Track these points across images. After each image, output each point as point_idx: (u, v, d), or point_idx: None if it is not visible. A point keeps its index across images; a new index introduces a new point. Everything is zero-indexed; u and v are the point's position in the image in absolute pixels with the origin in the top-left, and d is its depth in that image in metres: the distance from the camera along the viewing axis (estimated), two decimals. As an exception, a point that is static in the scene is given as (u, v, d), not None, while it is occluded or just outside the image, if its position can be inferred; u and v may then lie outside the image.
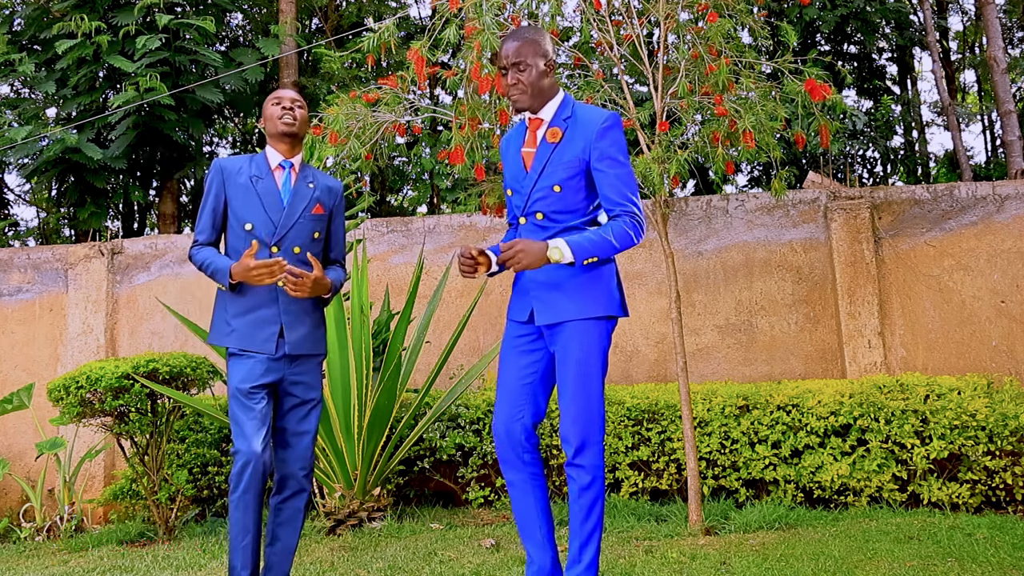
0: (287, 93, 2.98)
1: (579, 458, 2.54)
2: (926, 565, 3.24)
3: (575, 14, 5.06)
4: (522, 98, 2.62)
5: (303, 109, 2.96)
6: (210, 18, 8.54)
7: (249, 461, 2.70)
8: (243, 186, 2.86)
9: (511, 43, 2.61)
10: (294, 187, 2.90)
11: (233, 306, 2.85)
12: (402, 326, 4.61)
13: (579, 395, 2.54)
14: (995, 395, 4.65)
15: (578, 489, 2.53)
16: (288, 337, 2.84)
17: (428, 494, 5.21)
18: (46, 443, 5.24)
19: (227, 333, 2.85)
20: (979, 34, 13.98)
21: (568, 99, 2.68)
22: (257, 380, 2.79)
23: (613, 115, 2.62)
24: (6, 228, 11.80)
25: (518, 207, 2.70)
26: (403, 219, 6.30)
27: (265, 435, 2.75)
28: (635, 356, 5.88)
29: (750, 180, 11.74)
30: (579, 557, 2.53)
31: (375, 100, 4.46)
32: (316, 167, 3.10)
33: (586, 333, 2.56)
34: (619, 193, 2.56)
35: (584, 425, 2.53)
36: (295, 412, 2.88)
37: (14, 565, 4.22)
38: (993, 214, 5.71)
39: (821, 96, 4.08)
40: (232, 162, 2.92)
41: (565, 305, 2.56)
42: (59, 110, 9.84)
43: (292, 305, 2.87)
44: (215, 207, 2.90)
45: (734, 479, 4.58)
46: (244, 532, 2.75)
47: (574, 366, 2.55)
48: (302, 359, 2.89)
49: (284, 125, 2.89)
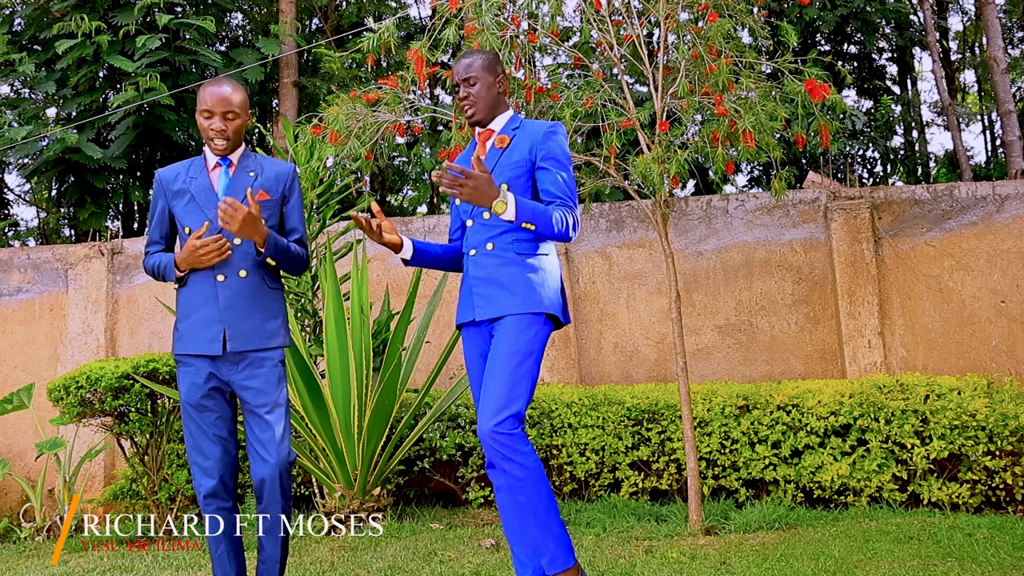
0: (217, 100, 2.73)
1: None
2: (926, 565, 3.24)
3: (575, 14, 5.06)
4: (473, 111, 2.76)
5: (237, 119, 2.76)
6: (210, 18, 8.53)
7: (201, 485, 2.70)
8: (180, 191, 2.80)
9: (463, 61, 2.79)
10: (232, 180, 2.80)
11: (180, 309, 2.78)
12: (402, 326, 4.61)
13: (502, 386, 2.49)
14: (995, 395, 4.65)
15: (516, 482, 2.47)
16: (232, 335, 2.68)
17: (428, 494, 5.21)
18: (46, 443, 5.24)
19: (176, 339, 2.76)
20: (979, 34, 13.98)
21: (517, 115, 2.83)
22: (202, 390, 2.70)
23: (559, 123, 2.77)
24: (6, 228, 11.80)
25: (465, 211, 2.79)
26: (403, 219, 6.31)
27: (220, 450, 2.71)
28: (635, 356, 5.88)
29: (750, 180, 11.74)
30: (544, 543, 2.49)
31: (375, 100, 4.46)
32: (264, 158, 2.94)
33: (522, 327, 2.56)
34: (561, 190, 2.65)
35: (504, 418, 2.47)
36: (252, 419, 2.71)
37: (14, 565, 4.22)
38: (993, 214, 5.71)
39: (821, 96, 4.08)
40: (169, 170, 2.87)
41: (506, 300, 2.60)
42: (59, 110, 9.84)
43: (236, 300, 2.71)
44: (161, 218, 2.86)
45: (734, 479, 4.58)
46: (216, 543, 2.75)
47: (505, 356, 2.52)
48: (251, 359, 2.71)
49: (216, 147, 2.76)
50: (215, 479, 2.71)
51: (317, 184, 5.25)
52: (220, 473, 2.73)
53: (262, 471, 2.68)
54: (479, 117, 2.77)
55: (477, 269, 2.69)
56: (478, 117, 2.77)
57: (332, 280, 4.45)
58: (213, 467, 2.72)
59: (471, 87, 2.75)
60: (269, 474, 2.67)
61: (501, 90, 2.80)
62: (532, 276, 2.63)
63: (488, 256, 2.67)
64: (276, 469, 2.67)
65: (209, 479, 2.71)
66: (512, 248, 2.65)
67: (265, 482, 2.68)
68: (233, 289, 2.73)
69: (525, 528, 2.51)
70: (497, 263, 2.64)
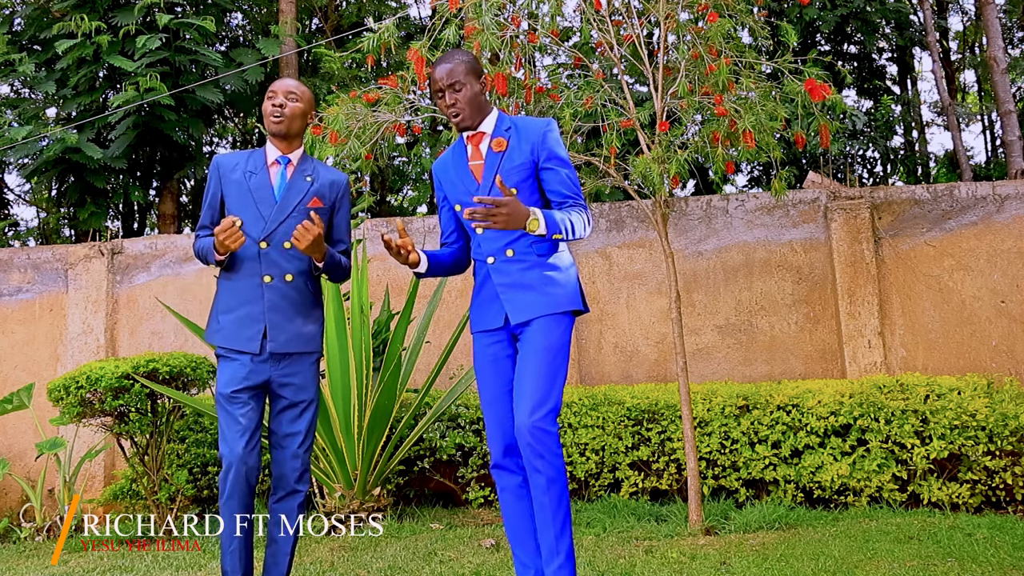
0: (282, 85, 2.89)
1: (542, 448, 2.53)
2: (926, 565, 3.24)
3: (575, 14, 5.06)
4: (461, 116, 2.71)
5: (298, 102, 2.86)
6: (210, 18, 8.52)
7: (231, 464, 2.70)
8: (236, 182, 2.84)
9: (443, 66, 2.72)
10: (289, 181, 2.85)
11: (222, 303, 2.82)
12: (402, 326, 4.61)
13: (540, 381, 2.53)
14: (995, 395, 4.65)
15: (545, 481, 2.51)
16: (273, 336, 2.76)
17: (428, 494, 5.21)
18: (46, 443, 5.24)
19: (216, 331, 2.81)
20: (979, 34, 13.98)
21: (503, 114, 2.80)
22: (240, 384, 2.74)
23: (551, 120, 2.77)
24: (6, 228, 11.80)
25: None
26: (403, 219, 6.30)
27: (249, 439, 2.73)
28: (635, 356, 5.88)
29: (750, 180, 11.74)
30: (557, 549, 2.51)
31: (375, 100, 4.46)
32: (320, 164, 3.02)
33: (553, 326, 2.60)
34: (570, 188, 2.67)
35: (541, 414, 2.51)
36: (286, 414, 2.81)
37: (14, 565, 4.22)
38: (993, 214, 5.71)
39: (821, 96, 4.08)
40: (229, 158, 2.91)
41: (537, 302, 2.62)
42: (59, 110, 9.84)
43: (280, 302, 2.79)
44: (212, 203, 2.90)
45: (734, 479, 4.58)
46: (231, 537, 2.76)
47: (540, 352, 2.56)
48: (292, 358, 2.81)
49: (273, 124, 2.84)
50: (236, 472, 2.70)
51: (317, 184, 5.24)
52: (246, 467, 2.73)
53: (286, 462, 2.80)
54: (468, 123, 2.72)
55: (500, 276, 2.68)
56: (467, 123, 2.72)
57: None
58: (239, 460, 2.72)
59: (457, 93, 2.69)
60: (294, 465, 2.80)
61: (485, 90, 2.78)
62: (557, 275, 2.66)
63: (510, 263, 2.67)
64: (302, 460, 2.81)
65: (231, 472, 2.71)
66: (532, 251, 2.66)
67: (289, 472, 2.80)
68: (278, 291, 2.80)
69: (544, 528, 2.52)
70: (521, 268, 2.65)
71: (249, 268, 2.80)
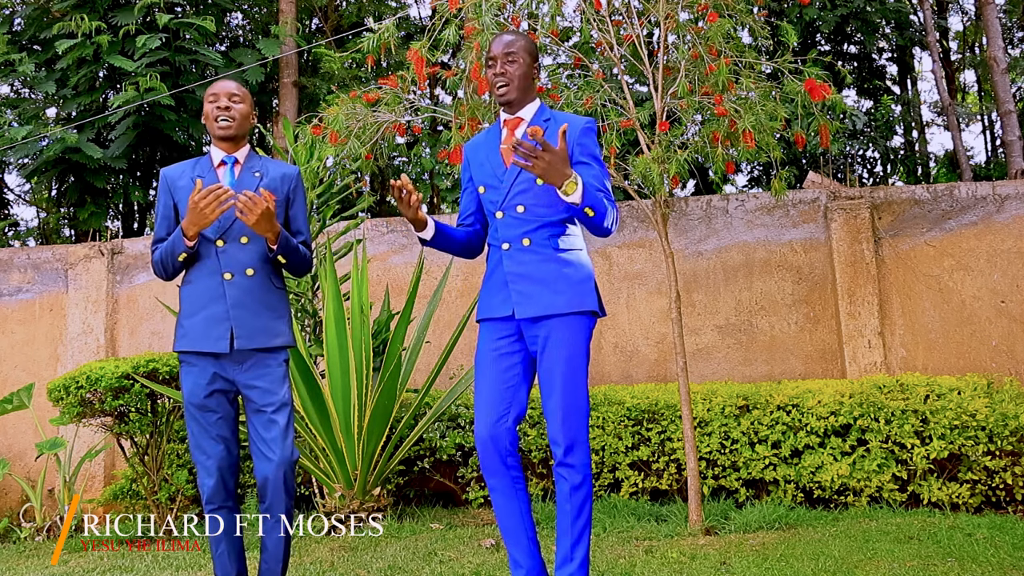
0: (223, 87, 2.82)
1: (569, 457, 2.53)
2: (926, 565, 3.24)
3: (575, 14, 5.06)
4: (508, 90, 2.64)
5: (242, 103, 2.82)
6: (210, 18, 8.53)
7: (208, 470, 2.70)
8: (185, 188, 2.79)
9: (504, 37, 2.68)
10: (238, 179, 2.81)
11: (185, 308, 2.77)
12: (402, 326, 4.61)
13: (568, 395, 2.53)
14: (995, 395, 4.65)
15: (569, 488, 2.52)
16: (239, 333, 2.69)
17: (428, 494, 5.21)
18: (46, 443, 5.24)
19: (182, 335, 2.75)
20: (979, 34, 13.97)
21: (544, 106, 2.75)
22: (205, 391, 2.71)
23: (593, 120, 2.69)
24: (6, 228, 11.80)
25: (495, 202, 2.68)
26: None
27: (224, 445, 2.72)
28: (635, 356, 5.88)
29: (750, 180, 11.74)
30: (571, 555, 2.51)
31: (375, 100, 4.46)
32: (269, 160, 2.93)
33: (572, 329, 2.55)
34: (602, 185, 2.59)
35: (573, 424, 2.53)
36: (256, 418, 2.72)
37: (14, 565, 4.22)
38: (993, 214, 5.71)
39: (821, 96, 4.08)
40: (175, 168, 2.88)
41: (551, 299, 2.55)
42: (59, 110, 9.84)
43: (244, 298, 2.72)
44: (166, 214, 2.84)
45: (734, 479, 4.58)
46: (216, 542, 2.76)
47: (563, 364, 2.53)
48: (256, 358, 2.73)
49: (220, 129, 2.79)
50: (214, 478, 2.72)
51: (317, 184, 5.26)
52: (221, 472, 2.73)
53: (266, 469, 2.69)
54: (512, 96, 2.65)
55: (514, 265, 2.60)
56: (511, 96, 2.65)
57: (332, 280, 4.45)
58: (214, 466, 2.73)
59: (510, 64, 2.63)
60: (273, 472, 2.68)
61: (536, 78, 2.72)
62: (573, 273, 2.58)
63: (525, 252, 2.60)
64: (280, 467, 2.68)
65: (209, 478, 2.72)
66: (550, 244, 2.59)
67: (269, 480, 2.69)
68: (241, 287, 2.73)
69: (562, 532, 2.53)
70: (536, 259, 2.58)
71: (209, 267, 2.74)
